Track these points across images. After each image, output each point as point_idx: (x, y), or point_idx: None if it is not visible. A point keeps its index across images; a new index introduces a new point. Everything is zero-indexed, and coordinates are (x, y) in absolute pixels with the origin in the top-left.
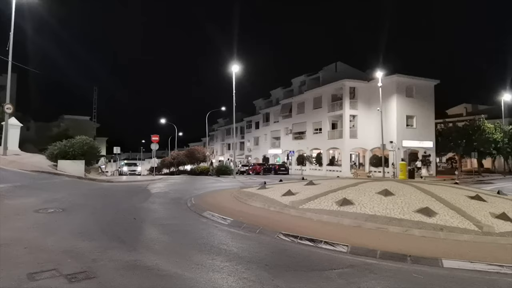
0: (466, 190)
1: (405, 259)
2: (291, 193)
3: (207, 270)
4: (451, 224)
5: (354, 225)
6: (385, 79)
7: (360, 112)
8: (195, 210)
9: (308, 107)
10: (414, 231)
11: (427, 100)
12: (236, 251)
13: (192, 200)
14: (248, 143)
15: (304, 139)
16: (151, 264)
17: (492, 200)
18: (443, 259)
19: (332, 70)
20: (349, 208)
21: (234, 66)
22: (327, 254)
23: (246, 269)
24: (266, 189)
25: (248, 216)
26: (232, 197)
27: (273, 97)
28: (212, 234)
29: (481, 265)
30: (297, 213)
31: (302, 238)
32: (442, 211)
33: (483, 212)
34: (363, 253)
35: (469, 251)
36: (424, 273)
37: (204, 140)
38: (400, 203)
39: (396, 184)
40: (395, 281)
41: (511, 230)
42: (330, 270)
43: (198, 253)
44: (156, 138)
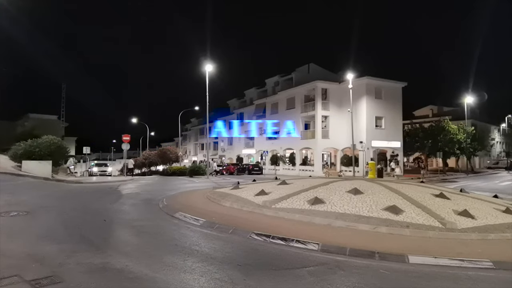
0: (431, 189)
1: (373, 256)
2: (264, 193)
3: (178, 271)
4: (417, 221)
5: (325, 223)
6: (356, 81)
7: (332, 113)
8: (167, 211)
9: (282, 107)
10: (382, 229)
11: (395, 102)
12: (208, 251)
13: (164, 201)
14: (222, 143)
15: (277, 139)
16: (121, 267)
17: (455, 198)
18: (409, 255)
19: (305, 71)
20: (320, 207)
21: (207, 65)
22: (299, 252)
23: (218, 270)
24: (239, 189)
25: (221, 216)
26: (205, 198)
27: (247, 97)
28: (184, 235)
29: (444, 260)
30: (269, 212)
31: (274, 237)
32: (409, 209)
33: (447, 210)
34: (334, 250)
35: (434, 247)
36: (391, 269)
37: (176, 140)
38: (369, 201)
39: (365, 183)
40: (364, 278)
41: (472, 226)
42: (301, 268)
43: (169, 254)
44: (127, 138)
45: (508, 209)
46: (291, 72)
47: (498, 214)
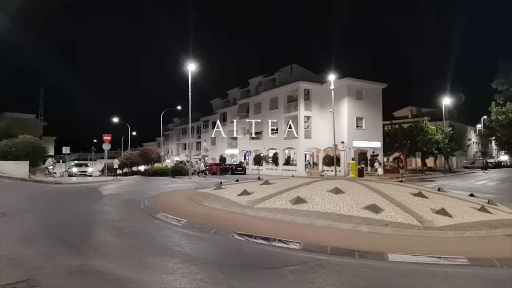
0: (410, 188)
1: (354, 254)
2: (247, 193)
3: (160, 273)
4: (396, 220)
5: (307, 222)
6: (337, 82)
7: (314, 113)
8: (149, 212)
9: (265, 107)
10: (362, 227)
11: (376, 103)
12: (190, 252)
13: (145, 202)
14: (204, 143)
15: (261, 139)
16: (101, 268)
17: (433, 196)
18: (388, 253)
19: (288, 72)
20: (302, 206)
21: (190, 64)
22: (281, 251)
23: (200, 270)
24: (222, 190)
25: (203, 217)
26: (187, 198)
27: (230, 97)
28: (166, 235)
29: (422, 258)
30: (252, 212)
31: (257, 237)
32: (388, 207)
33: (425, 208)
34: (315, 249)
35: (412, 245)
36: (370, 267)
37: (158, 140)
38: (349, 200)
39: (346, 182)
40: (344, 276)
41: (449, 225)
42: (283, 267)
43: (151, 256)
44: (108, 137)
45: (483, 208)
46: (274, 73)
47: (473, 212)
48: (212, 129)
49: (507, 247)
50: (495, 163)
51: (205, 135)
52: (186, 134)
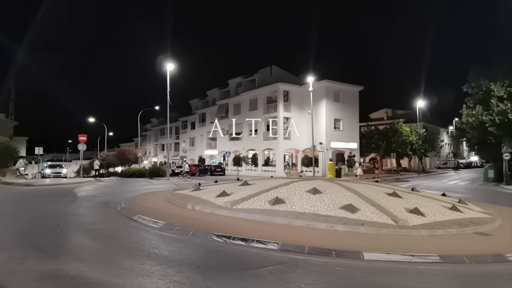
0: (385, 188)
1: (330, 254)
2: (226, 194)
3: (136, 275)
4: (371, 219)
5: (285, 223)
6: (316, 84)
7: (293, 115)
8: (125, 214)
9: (244, 108)
10: (339, 227)
11: (353, 105)
12: (168, 254)
13: (122, 204)
14: (183, 143)
15: (240, 140)
16: (75, 273)
17: (407, 196)
18: (364, 252)
19: (267, 73)
20: (281, 206)
21: (168, 64)
22: (259, 252)
23: (177, 272)
24: (200, 191)
25: (181, 218)
26: (165, 200)
27: (210, 98)
28: (143, 238)
29: (396, 256)
30: (231, 213)
31: (235, 238)
32: (364, 207)
33: (399, 208)
34: (293, 249)
35: (387, 244)
36: (346, 266)
37: (136, 141)
38: (327, 200)
39: (324, 182)
40: (321, 275)
41: (422, 223)
42: (261, 267)
43: (127, 258)
44: (84, 138)
45: (454, 207)
46: (253, 74)
47: (445, 211)
48: (191, 129)
49: (476, 245)
50: (466, 163)
51: (184, 136)
52: (164, 134)
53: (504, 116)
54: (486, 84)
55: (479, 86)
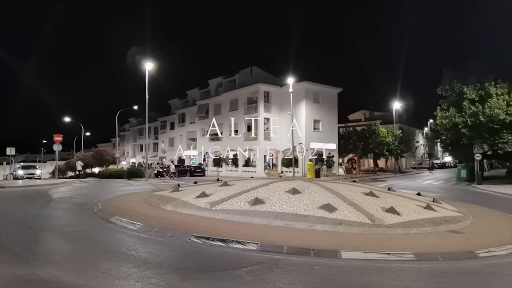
0: (362, 187)
1: (309, 253)
2: (205, 194)
3: (113, 278)
4: (349, 218)
5: (264, 223)
6: (296, 85)
7: (274, 115)
8: (102, 216)
9: (225, 108)
10: (317, 226)
11: (332, 106)
12: (146, 256)
13: (99, 205)
14: (162, 144)
15: (220, 141)
16: (49, 277)
17: (383, 196)
18: (341, 250)
19: (248, 74)
20: (261, 207)
21: (147, 63)
22: (238, 253)
23: (155, 274)
24: (179, 192)
25: (159, 220)
26: (143, 201)
27: (190, 97)
28: (120, 240)
29: (373, 255)
30: (210, 214)
31: (214, 239)
32: (342, 206)
33: (376, 207)
34: (272, 249)
35: (364, 242)
36: (324, 265)
37: (114, 141)
38: (306, 200)
39: (303, 183)
40: (299, 274)
41: (398, 222)
42: (240, 268)
43: (103, 261)
44: (59, 138)
45: (428, 206)
46: (234, 74)
47: (420, 210)
48: (170, 130)
49: (449, 242)
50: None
51: (163, 136)
52: (143, 135)
53: (476, 118)
54: (459, 87)
55: (452, 89)
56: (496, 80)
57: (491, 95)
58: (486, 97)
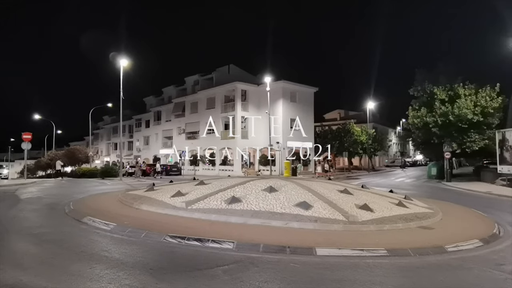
0: (337, 185)
1: (285, 251)
2: (181, 194)
3: (84, 280)
4: (324, 215)
5: (241, 222)
6: (273, 84)
7: (251, 114)
8: (74, 216)
9: (202, 107)
10: (294, 224)
11: (308, 105)
12: (119, 257)
13: (70, 205)
14: (137, 142)
15: (197, 139)
16: (14, 281)
17: (357, 193)
18: (316, 247)
19: (225, 72)
20: (237, 205)
21: (122, 60)
22: (214, 252)
23: (128, 275)
24: (154, 191)
25: (133, 220)
26: (117, 201)
27: (165, 95)
28: (92, 241)
29: (347, 251)
30: (186, 214)
31: (190, 239)
32: (317, 204)
33: (350, 204)
34: (248, 248)
35: (338, 239)
36: (300, 262)
37: (87, 139)
38: (282, 198)
39: (280, 181)
40: (275, 272)
41: (371, 219)
42: (216, 267)
43: (74, 263)
44: (29, 136)
45: (400, 202)
46: (211, 72)
47: (392, 207)
48: (145, 128)
49: (420, 238)
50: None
51: (138, 134)
52: (117, 133)
53: (446, 118)
54: (430, 88)
55: (424, 90)
56: (465, 81)
57: (460, 96)
58: (455, 98)
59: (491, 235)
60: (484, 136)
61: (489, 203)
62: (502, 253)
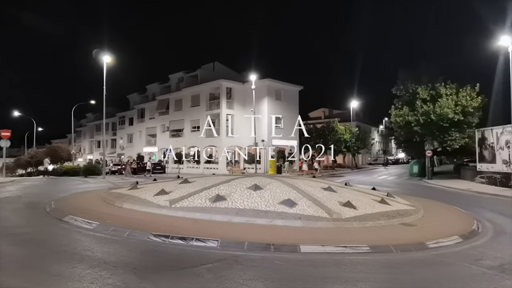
0: (321, 183)
1: (269, 248)
2: (165, 192)
3: (65, 281)
4: (308, 213)
5: (226, 220)
6: (258, 82)
7: (236, 112)
8: (55, 215)
9: (186, 104)
10: (278, 221)
11: (293, 104)
12: (102, 256)
13: (52, 204)
14: (120, 140)
15: (181, 137)
16: None
17: (340, 190)
18: (300, 245)
19: (210, 69)
20: (222, 204)
21: (105, 56)
22: (198, 250)
23: (111, 275)
24: (138, 189)
25: (116, 218)
26: (100, 199)
27: (149, 92)
28: (74, 240)
29: (330, 248)
30: (170, 212)
31: (174, 237)
32: (301, 201)
33: (333, 201)
34: (232, 246)
35: (322, 236)
36: (284, 259)
37: (69, 137)
38: (267, 196)
39: (265, 179)
40: (259, 270)
41: (354, 216)
42: (200, 266)
43: (56, 263)
44: (7, 133)
45: (383, 200)
46: (196, 69)
47: (375, 204)
48: (129, 125)
49: (402, 235)
50: (394, 160)
51: (121, 132)
52: (100, 130)
53: (427, 117)
54: (413, 87)
55: (406, 89)
56: (446, 81)
57: (441, 95)
58: (437, 97)
59: (471, 231)
60: (465, 134)
61: (469, 200)
62: (481, 249)
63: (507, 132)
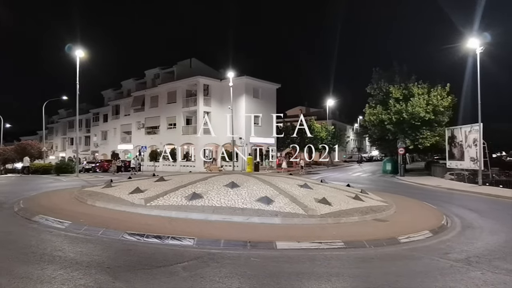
0: (298, 180)
1: (246, 246)
2: (140, 190)
3: (34, 283)
4: (284, 210)
5: (202, 218)
6: (236, 79)
7: (214, 109)
8: (24, 215)
9: (162, 101)
10: (255, 219)
11: (271, 102)
12: (74, 256)
13: (20, 204)
14: (94, 137)
15: (157, 134)
16: None
17: (316, 187)
18: (276, 241)
19: (187, 65)
20: (198, 202)
21: (78, 51)
22: (174, 249)
23: (84, 275)
24: (112, 188)
25: (90, 217)
26: (72, 198)
27: (124, 88)
28: (44, 240)
29: (306, 244)
30: (145, 211)
31: (149, 236)
32: (278, 198)
33: (309, 198)
34: (209, 244)
35: (298, 233)
36: (260, 256)
37: (40, 134)
38: (244, 194)
39: (242, 176)
40: (235, 267)
41: (329, 212)
42: (175, 264)
43: (23, 265)
44: None
45: (357, 196)
46: (172, 65)
47: (349, 200)
48: (103, 122)
49: (375, 230)
50: (368, 157)
51: (95, 129)
52: (73, 127)
53: (400, 115)
54: (386, 87)
55: (380, 88)
56: (418, 80)
57: (414, 94)
58: (409, 96)
59: (440, 226)
60: (435, 133)
61: (439, 196)
62: (449, 243)
63: (475, 130)
